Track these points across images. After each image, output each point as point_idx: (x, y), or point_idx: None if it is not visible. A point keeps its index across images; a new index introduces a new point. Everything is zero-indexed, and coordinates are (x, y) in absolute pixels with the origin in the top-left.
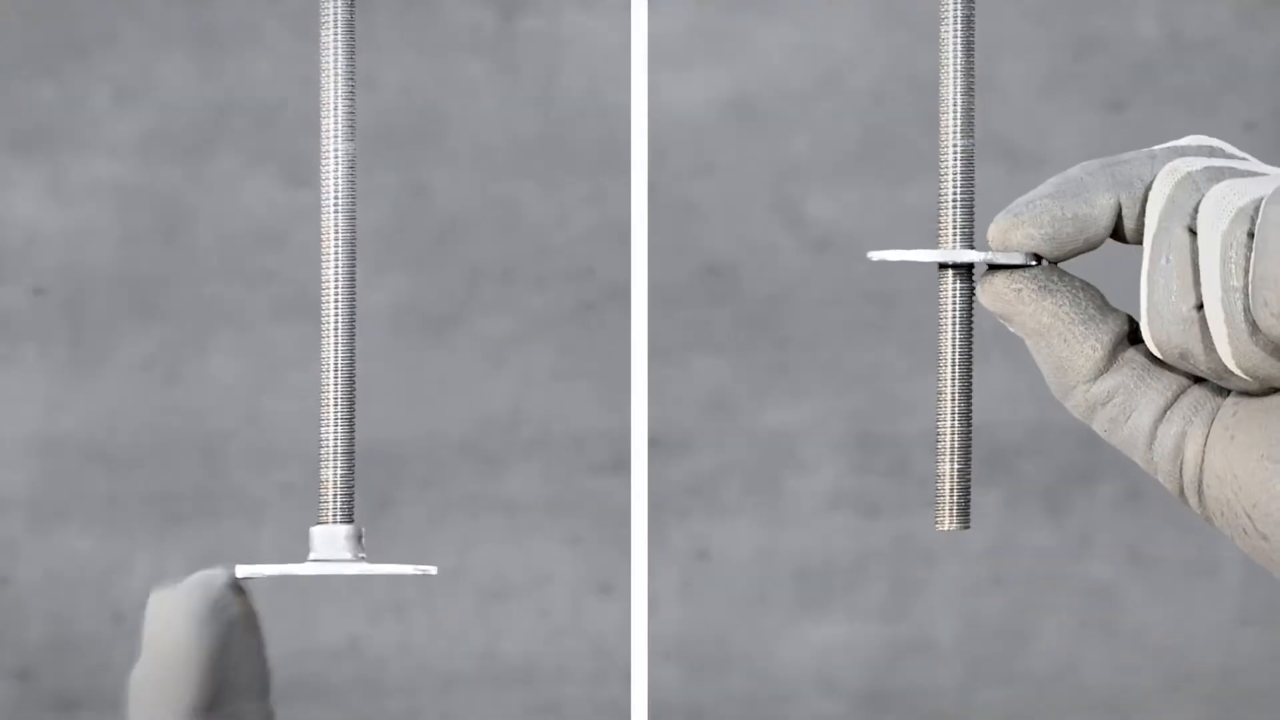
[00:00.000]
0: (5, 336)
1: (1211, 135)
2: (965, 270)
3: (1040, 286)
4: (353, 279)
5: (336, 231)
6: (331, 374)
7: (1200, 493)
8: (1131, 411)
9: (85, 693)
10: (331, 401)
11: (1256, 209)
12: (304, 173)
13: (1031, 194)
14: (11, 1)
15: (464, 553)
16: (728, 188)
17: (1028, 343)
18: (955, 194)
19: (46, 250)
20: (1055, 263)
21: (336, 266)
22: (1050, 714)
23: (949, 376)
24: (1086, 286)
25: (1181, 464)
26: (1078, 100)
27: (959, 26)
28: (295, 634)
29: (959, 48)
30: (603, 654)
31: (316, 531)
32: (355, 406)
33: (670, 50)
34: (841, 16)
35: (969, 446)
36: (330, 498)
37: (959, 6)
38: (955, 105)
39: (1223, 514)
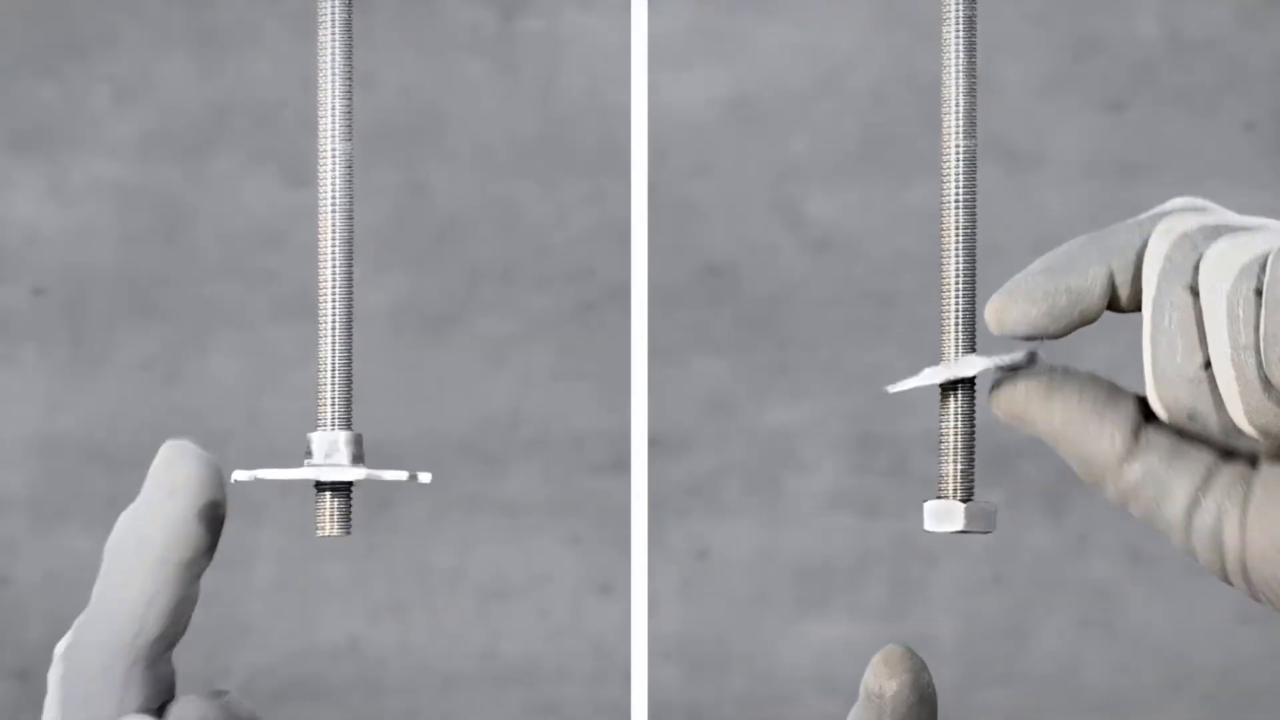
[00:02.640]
0: (5, 336)
1: (1211, 135)
2: (967, 273)
3: (1045, 389)
4: (350, 278)
5: (334, 231)
6: (329, 373)
7: (1245, 574)
8: (1163, 498)
9: None
10: (329, 401)
11: (1261, 266)
12: (304, 173)
13: (1023, 272)
14: (11, 1)
15: (464, 553)
16: (728, 188)
17: (1049, 444)
18: (957, 195)
19: (46, 250)
20: (1056, 337)
21: (334, 266)
22: (1050, 714)
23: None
24: (1093, 377)
25: (1222, 548)
26: (1078, 100)
27: (961, 28)
28: (295, 634)
29: (961, 49)
30: (603, 654)
31: (315, 437)
32: (353, 405)
33: (670, 50)
34: (841, 16)
35: (973, 450)
36: (327, 495)
37: (961, 8)
38: (957, 107)
39: (1273, 589)
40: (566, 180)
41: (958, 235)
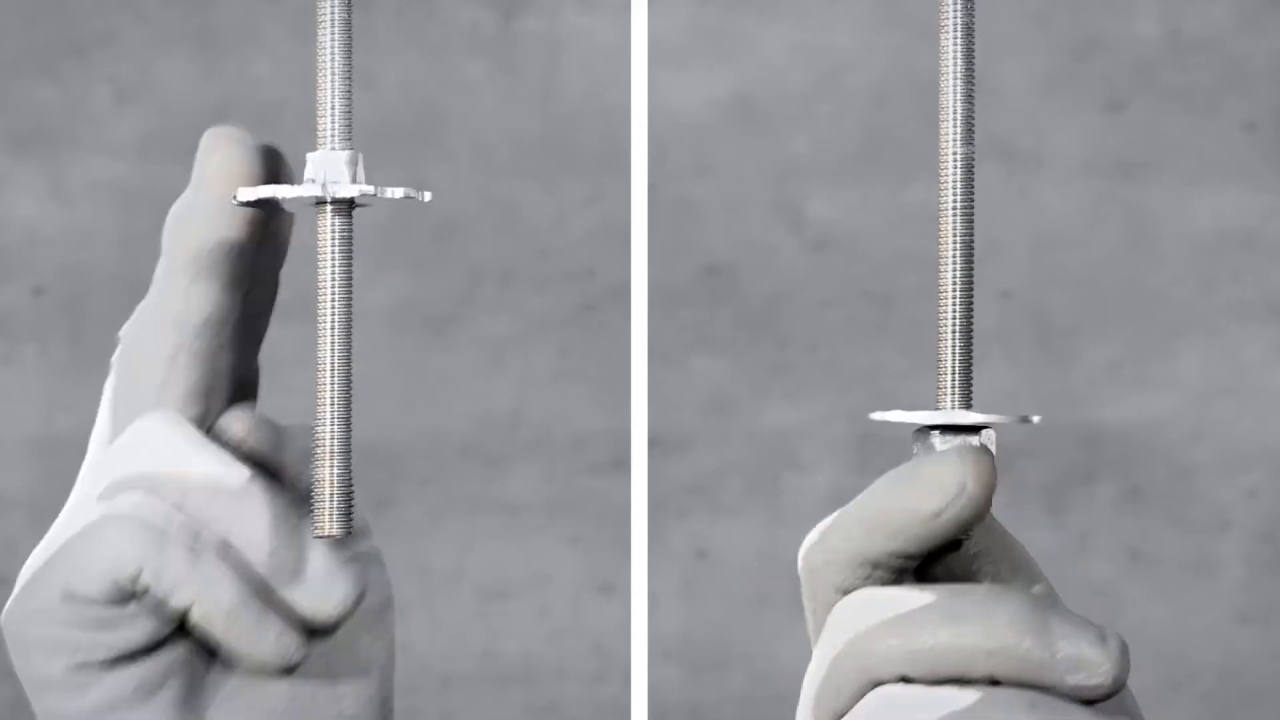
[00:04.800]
0: (5, 336)
1: (1211, 135)
2: (965, 278)
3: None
4: (350, 278)
5: (334, 231)
6: (329, 374)
7: None
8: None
9: None
10: (328, 401)
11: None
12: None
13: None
14: (11, 1)
15: (464, 553)
16: (728, 188)
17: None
18: (955, 201)
19: (46, 250)
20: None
21: (334, 266)
22: None
23: (946, 382)
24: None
25: None
26: (1077, 100)
27: (959, 35)
28: None
29: (959, 56)
30: (603, 654)
31: (313, 156)
32: (352, 406)
33: (670, 50)
34: (841, 16)
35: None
36: (326, 494)
37: (959, 14)
38: (955, 113)
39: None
40: (566, 180)
41: (955, 241)
